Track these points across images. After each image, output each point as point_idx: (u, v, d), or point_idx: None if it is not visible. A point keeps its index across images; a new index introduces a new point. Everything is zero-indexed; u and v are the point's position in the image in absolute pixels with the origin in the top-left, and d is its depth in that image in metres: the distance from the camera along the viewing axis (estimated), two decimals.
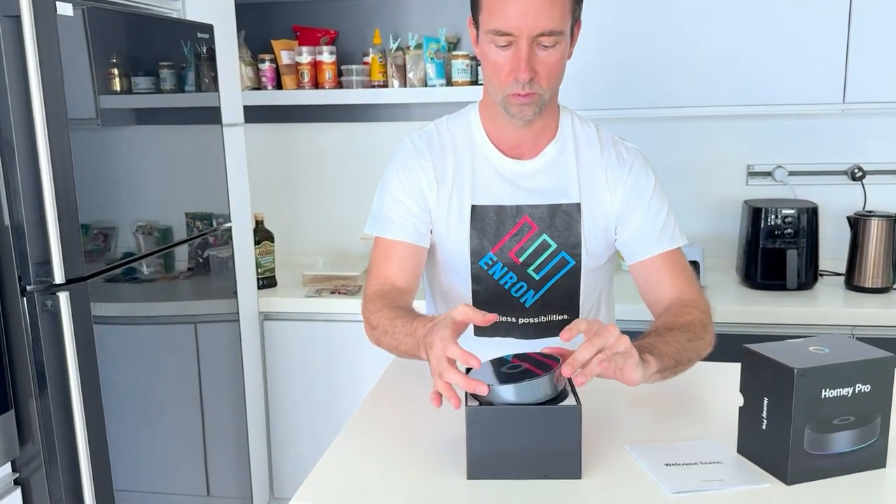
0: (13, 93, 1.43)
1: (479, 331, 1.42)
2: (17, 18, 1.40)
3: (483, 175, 1.40)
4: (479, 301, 1.43)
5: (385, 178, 1.45)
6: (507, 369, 1.03)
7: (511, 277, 1.41)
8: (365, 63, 2.67)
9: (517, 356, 1.08)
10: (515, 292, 1.42)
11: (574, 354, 1.02)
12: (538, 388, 0.97)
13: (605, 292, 1.52)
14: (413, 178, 1.41)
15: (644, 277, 1.41)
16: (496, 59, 1.26)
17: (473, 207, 1.39)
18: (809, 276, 2.36)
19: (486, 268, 1.41)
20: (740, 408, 1.02)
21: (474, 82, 2.57)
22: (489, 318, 1.05)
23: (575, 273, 1.40)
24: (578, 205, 1.38)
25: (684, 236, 1.43)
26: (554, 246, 1.39)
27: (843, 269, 2.41)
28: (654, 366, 1.11)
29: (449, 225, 1.40)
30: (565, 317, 1.43)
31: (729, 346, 1.28)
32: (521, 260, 1.39)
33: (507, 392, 0.97)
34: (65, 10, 1.48)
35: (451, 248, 1.42)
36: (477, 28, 1.31)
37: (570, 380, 1.08)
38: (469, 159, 1.41)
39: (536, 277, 1.41)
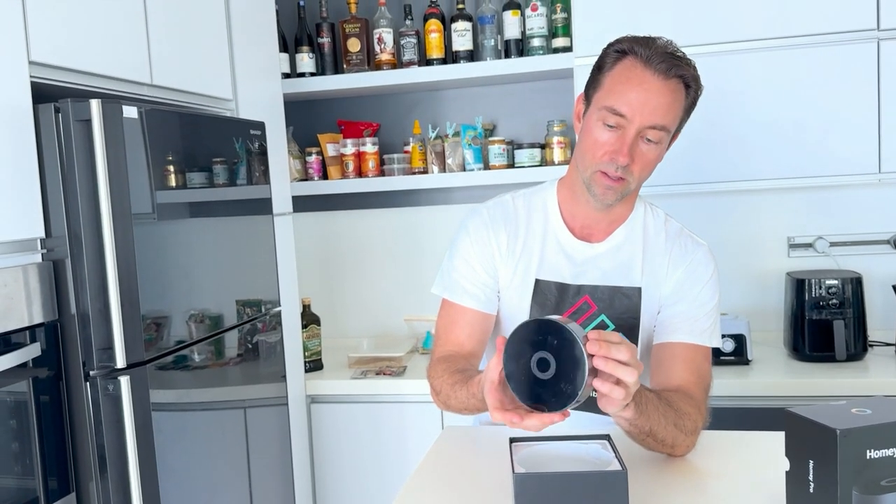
0: (82, 190, 1.54)
1: None
2: (88, 122, 1.53)
3: (550, 252, 1.43)
4: None
5: (457, 242, 1.48)
6: (539, 369, 0.99)
7: None
8: (406, 151, 2.79)
9: (540, 328, 1.01)
10: None
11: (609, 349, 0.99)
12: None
13: None
14: (486, 248, 1.44)
15: (658, 358, 1.41)
16: (599, 137, 1.30)
17: (537, 281, 1.42)
18: (859, 347, 2.33)
19: None
20: (787, 472, 1.02)
21: (510, 165, 2.66)
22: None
23: None
24: (640, 289, 1.40)
25: (719, 340, 1.42)
26: (612, 327, 1.40)
27: (893, 338, 2.37)
28: (628, 414, 1.09)
29: (513, 295, 1.44)
30: None
31: (782, 419, 1.27)
32: None
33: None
34: (130, 113, 1.60)
35: (512, 317, 1.44)
36: (588, 104, 1.35)
37: (613, 444, 1.10)
38: (540, 235, 1.44)
39: None
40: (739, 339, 2.35)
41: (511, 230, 1.45)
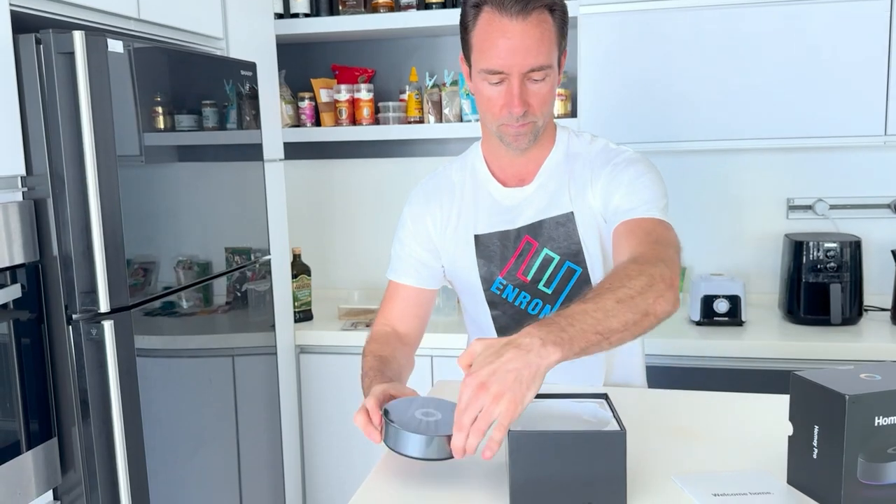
0: (65, 127, 1.48)
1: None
2: (71, 55, 1.46)
3: (485, 206, 1.44)
4: (501, 325, 1.45)
5: (399, 223, 1.52)
6: (422, 414, 1.07)
7: (524, 297, 1.42)
8: (401, 100, 2.71)
9: (440, 405, 1.11)
10: (532, 310, 1.42)
11: (457, 417, 0.95)
12: (421, 443, 1.02)
13: None
14: (420, 223, 1.47)
15: (611, 247, 1.33)
16: (489, 95, 1.30)
17: (476, 237, 1.42)
18: (854, 311, 2.31)
19: (498, 292, 1.43)
20: (790, 437, 0.99)
21: None
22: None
23: (585, 281, 1.39)
24: (571, 213, 1.38)
25: (663, 214, 1.28)
26: (557, 258, 1.39)
27: (889, 304, 2.35)
28: (558, 355, 0.96)
29: (457, 257, 1.45)
30: None
31: (774, 382, 1.24)
32: (529, 278, 1.40)
33: (407, 440, 1.03)
34: (115, 47, 1.53)
35: (464, 279, 1.46)
36: (469, 66, 1.34)
37: (611, 404, 1.07)
38: (472, 193, 1.45)
39: (548, 291, 1.41)
40: (734, 301, 2.33)
41: (445, 199, 1.46)
